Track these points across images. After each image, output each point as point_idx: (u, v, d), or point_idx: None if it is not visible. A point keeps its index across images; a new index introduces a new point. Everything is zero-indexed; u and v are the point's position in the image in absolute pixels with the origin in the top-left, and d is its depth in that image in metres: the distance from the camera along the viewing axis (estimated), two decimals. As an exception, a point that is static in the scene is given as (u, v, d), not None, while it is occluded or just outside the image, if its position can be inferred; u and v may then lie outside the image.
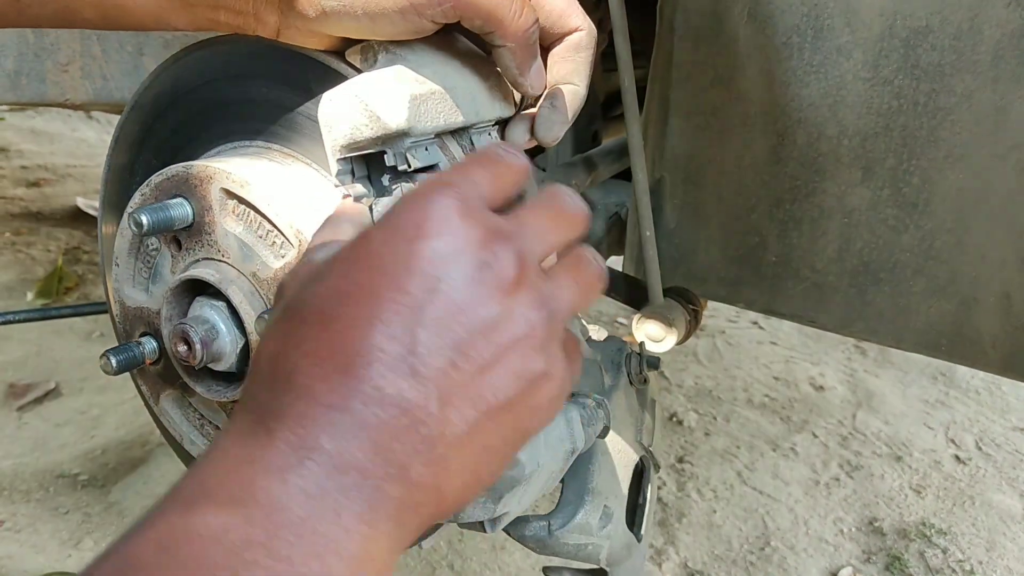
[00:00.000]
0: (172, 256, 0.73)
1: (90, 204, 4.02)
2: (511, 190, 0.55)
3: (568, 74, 0.67)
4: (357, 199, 0.62)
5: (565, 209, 0.56)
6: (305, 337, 0.48)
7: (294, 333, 0.49)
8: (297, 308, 0.50)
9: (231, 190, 0.67)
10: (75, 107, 1.43)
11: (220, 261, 0.69)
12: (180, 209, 0.69)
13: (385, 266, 0.48)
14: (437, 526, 0.72)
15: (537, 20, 0.61)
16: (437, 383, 0.47)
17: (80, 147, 5.21)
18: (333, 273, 0.50)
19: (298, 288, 0.51)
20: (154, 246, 0.74)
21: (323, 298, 0.49)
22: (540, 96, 0.70)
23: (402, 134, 0.59)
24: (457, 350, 0.47)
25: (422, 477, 0.47)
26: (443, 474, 0.48)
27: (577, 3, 0.66)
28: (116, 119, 0.84)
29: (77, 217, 3.96)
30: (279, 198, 0.66)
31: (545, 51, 0.67)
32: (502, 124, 0.70)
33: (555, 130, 0.68)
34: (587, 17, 0.66)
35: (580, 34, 0.66)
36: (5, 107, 4.71)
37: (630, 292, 1.11)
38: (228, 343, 0.69)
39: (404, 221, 0.49)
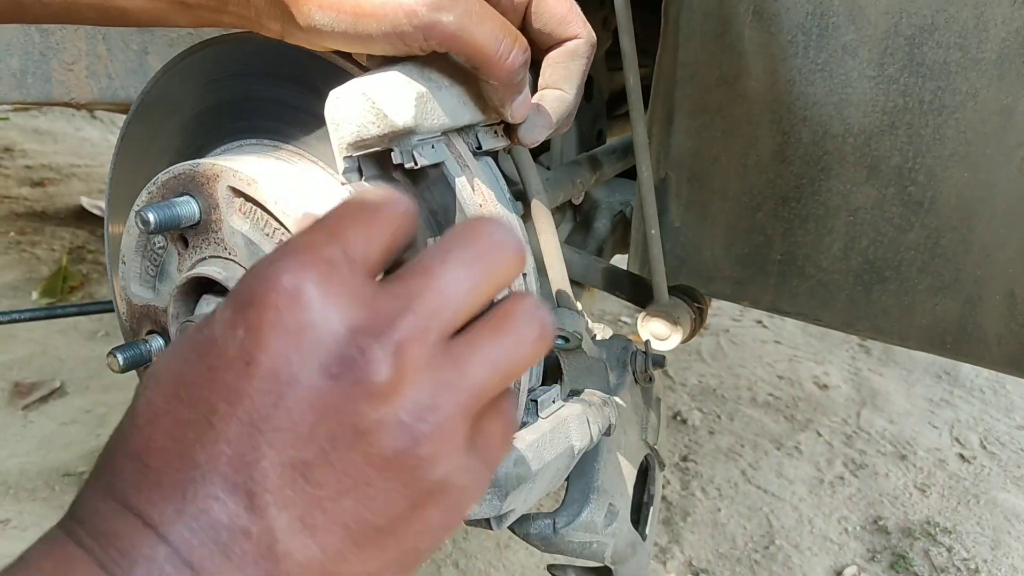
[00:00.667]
0: (179, 254, 0.73)
1: (94, 203, 4.03)
2: (395, 241, 0.44)
3: (559, 80, 0.67)
4: None
5: (489, 250, 0.43)
6: (133, 435, 0.40)
7: (127, 429, 0.41)
8: (136, 402, 0.42)
9: (238, 188, 0.67)
10: (80, 106, 1.43)
11: (227, 259, 0.69)
12: (187, 207, 0.69)
13: (224, 362, 0.39)
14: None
15: (527, 61, 0.60)
16: (285, 509, 0.38)
17: (84, 146, 5.22)
18: (174, 365, 0.41)
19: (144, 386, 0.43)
20: (161, 244, 0.75)
21: (158, 392, 0.41)
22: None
23: (409, 132, 0.59)
24: (309, 469, 0.38)
25: None
26: None
27: (578, 9, 0.66)
28: (120, 118, 0.84)
29: (81, 216, 3.97)
30: (286, 196, 0.66)
31: (542, 53, 0.67)
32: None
33: (535, 133, 0.67)
34: (587, 25, 0.66)
35: (578, 42, 0.66)
36: (9, 107, 4.73)
37: (635, 291, 1.11)
38: (235, 341, 0.69)
39: (250, 301, 0.39)
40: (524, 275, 0.68)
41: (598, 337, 0.95)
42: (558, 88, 0.67)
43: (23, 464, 2.31)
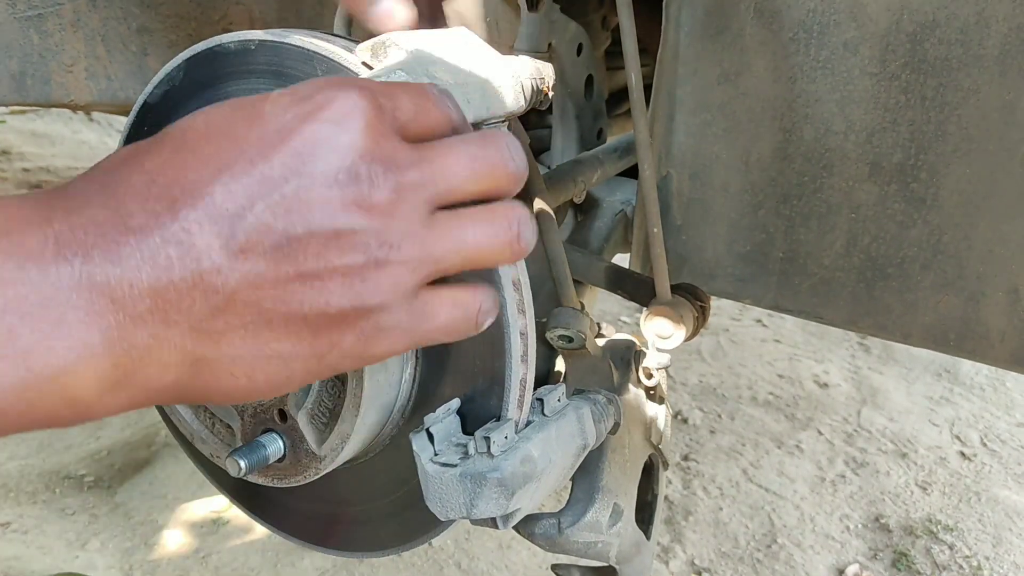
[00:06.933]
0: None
1: (93, 206, 4.02)
2: (430, 132, 0.51)
3: None
4: None
5: (494, 160, 0.51)
6: (151, 154, 0.45)
7: (147, 148, 0.46)
8: (168, 130, 0.48)
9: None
10: (79, 108, 1.43)
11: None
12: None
13: (265, 128, 0.45)
14: (449, 523, 0.72)
15: None
16: (250, 262, 0.43)
17: (81, 149, 5.21)
18: (219, 112, 0.47)
19: (182, 120, 0.49)
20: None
21: (191, 128, 0.47)
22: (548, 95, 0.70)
23: (413, 131, 0.59)
24: (287, 241, 0.44)
25: (183, 340, 0.43)
26: (210, 347, 0.44)
27: None
28: (117, 120, 0.84)
29: (80, 219, 3.96)
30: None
31: None
32: (513, 120, 0.70)
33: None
34: None
35: None
36: (6, 109, 4.72)
37: (637, 289, 1.11)
38: (239, 341, 0.69)
39: (308, 97, 0.47)
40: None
41: (603, 335, 0.95)
42: None
43: (23, 467, 2.31)
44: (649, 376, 0.95)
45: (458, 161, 0.50)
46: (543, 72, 0.76)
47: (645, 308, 1.06)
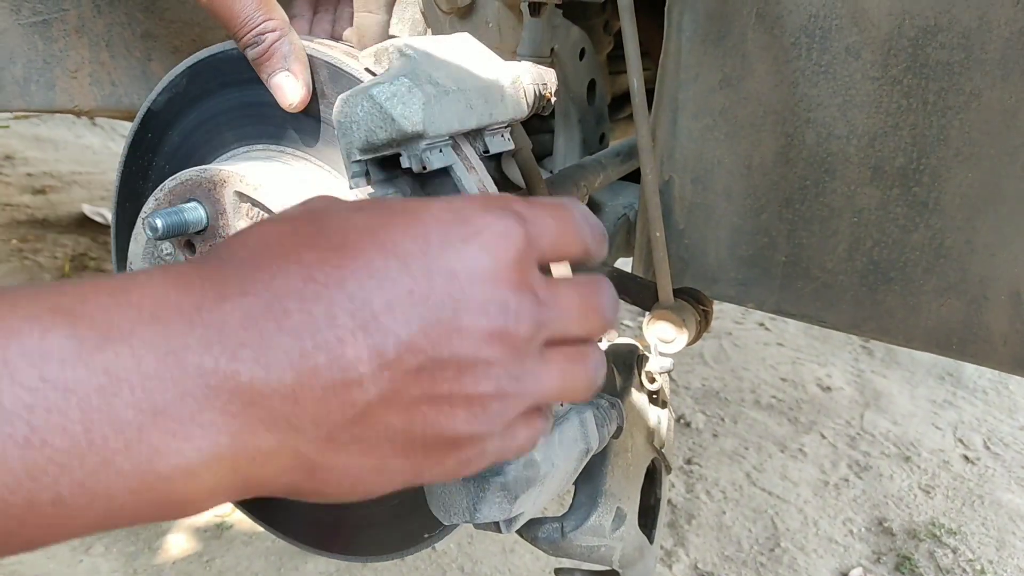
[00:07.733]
0: (186, 260, 0.73)
1: (96, 211, 4.03)
2: (568, 253, 0.52)
3: None
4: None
5: (599, 308, 0.52)
6: (310, 247, 0.44)
7: (306, 235, 0.45)
8: (327, 219, 0.46)
9: (245, 193, 0.67)
10: (84, 114, 1.44)
11: (234, 265, 0.69)
12: (194, 213, 0.69)
13: (429, 244, 0.45)
14: (452, 527, 0.72)
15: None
16: (391, 379, 0.43)
17: (85, 154, 5.22)
18: (380, 214, 0.46)
19: (330, 203, 0.48)
20: (168, 251, 0.75)
21: (352, 227, 0.45)
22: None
23: (417, 136, 0.59)
24: (430, 364, 0.43)
25: (307, 448, 0.42)
26: (330, 456, 0.44)
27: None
28: (121, 125, 0.84)
29: (83, 224, 3.97)
30: (292, 200, 0.66)
31: None
32: (516, 125, 0.70)
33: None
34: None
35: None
36: (10, 114, 4.73)
37: (639, 293, 1.11)
38: (243, 346, 0.69)
39: (467, 219, 0.46)
40: None
41: (604, 341, 0.95)
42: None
43: (27, 472, 2.31)
44: (652, 380, 0.95)
45: (574, 306, 0.50)
46: (545, 77, 0.77)
47: (648, 312, 1.06)
